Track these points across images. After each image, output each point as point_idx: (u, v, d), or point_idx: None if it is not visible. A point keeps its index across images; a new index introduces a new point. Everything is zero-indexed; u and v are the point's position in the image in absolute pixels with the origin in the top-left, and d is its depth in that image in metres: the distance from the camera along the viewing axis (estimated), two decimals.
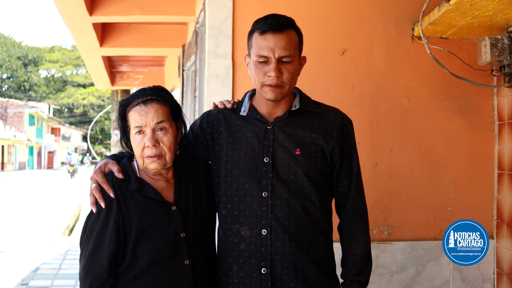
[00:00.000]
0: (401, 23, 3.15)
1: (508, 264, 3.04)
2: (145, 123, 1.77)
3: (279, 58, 1.79)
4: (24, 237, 9.10)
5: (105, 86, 10.29)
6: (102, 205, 1.76)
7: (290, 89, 1.86)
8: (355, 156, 1.95)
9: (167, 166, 1.83)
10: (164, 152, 1.80)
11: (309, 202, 1.85)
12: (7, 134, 38.10)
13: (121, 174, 1.81)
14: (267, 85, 1.81)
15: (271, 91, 1.81)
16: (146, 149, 1.78)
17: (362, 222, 1.93)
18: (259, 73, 1.82)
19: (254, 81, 1.85)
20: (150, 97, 1.80)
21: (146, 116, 1.77)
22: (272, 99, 1.83)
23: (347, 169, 1.92)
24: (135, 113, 1.79)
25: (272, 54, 1.79)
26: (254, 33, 1.84)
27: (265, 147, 1.86)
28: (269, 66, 1.79)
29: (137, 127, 1.78)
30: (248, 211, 1.85)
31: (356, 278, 1.88)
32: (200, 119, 2.04)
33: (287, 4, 3.08)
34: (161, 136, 1.79)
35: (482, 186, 3.20)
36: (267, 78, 1.80)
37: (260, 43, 1.80)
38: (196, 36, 4.65)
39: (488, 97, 3.20)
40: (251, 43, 1.86)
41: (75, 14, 5.09)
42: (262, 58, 1.80)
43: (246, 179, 1.86)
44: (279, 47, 1.79)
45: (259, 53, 1.80)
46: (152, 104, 1.79)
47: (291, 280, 1.81)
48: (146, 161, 1.79)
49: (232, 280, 1.86)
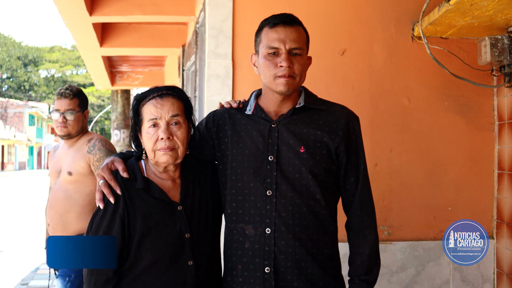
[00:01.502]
0: (401, 23, 3.15)
1: (508, 264, 3.04)
2: (160, 115, 1.78)
3: (290, 49, 1.80)
4: (24, 237, 9.09)
5: (105, 86, 10.29)
6: (112, 200, 1.76)
7: (300, 82, 1.86)
8: (362, 153, 1.94)
9: (178, 160, 1.83)
10: (177, 146, 1.80)
11: (314, 201, 1.84)
12: (7, 134, 38.11)
13: (126, 173, 1.81)
14: (280, 76, 1.80)
15: (284, 81, 1.80)
16: (159, 141, 1.78)
17: (370, 220, 1.92)
18: (269, 65, 1.82)
19: (265, 74, 1.84)
20: (166, 91, 1.83)
21: (162, 108, 1.79)
22: (284, 91, 1.82)
23: (354, 167, 1.91)
24: (150, 105, 1.80)
25: (283, 46, 1.80)
26: (263, 29, 1.85)
27: (269, 145, 1.86)
28: (280, 57, 1.80)
29: (152, 120, 1.79)
30: (253, 210, 1.84)
31: (364, 277, 1.86)
32: (206, 119, 2.04)
33: (287, 4, 3.08)
34: (175, 130, 1.80)
35: (482, 186, 3.20)
36: (279, 69, 1.80)
37: (271, 35, 1.82)
38: (196, 36, 4.65)
39: (488, 97, 3.20)
40: (259, 39, 1.87)
41: (75, 14, 5.09)
42: (273, 49, 1.81)
43: (251, 178, 1.85)
44: (289, 39, 1.80)
45: (270, 45, 1.81)
46: (168, 97, 1.81)
47: (295, 279, 1.81)
48: (158, 153, 1.79)
49: (236, 279, 1.86)
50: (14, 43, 55.27)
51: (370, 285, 1.87)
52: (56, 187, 3.19)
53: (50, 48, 58.66)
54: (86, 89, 52.56)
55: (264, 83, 1.89)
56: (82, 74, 54.98)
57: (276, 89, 1.83)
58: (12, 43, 54.83)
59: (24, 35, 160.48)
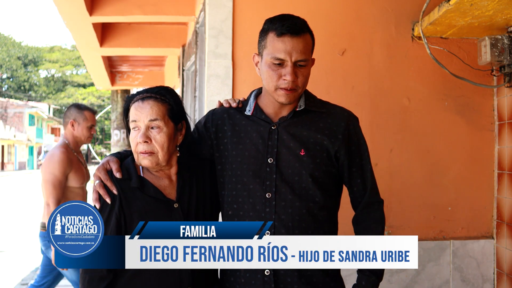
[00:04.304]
0: (401, 23, 3.15)
1: (508, 264, 3.04)
2: (139, 118, 1.79)
3: (296, 61, 1.78)
4: (24, 237, 9.10)
5: (105, 86, 10.29)
6: (108, 201, 1.77)
7: (302, 92, 1.85)
8: (366, 153, 1.93)
9: (160, 164, 1.82)
10: (156, 150, 1.79)
11: (314, 203, 1.83)
12: (7, 134, 38.10)
13: (119, 173, 1.81)
14: (282, 88, 1.79)
15: (285, 94, 1.79)
16: (138, 144, 1.79)
17: (376, 215, 1.90)
18: (273, 75, 1.79)
19: (267, 83, 1.82)
20: (149, 94, 1.82)
21: (141, 112, 1.79)
22: (285, 102, 1.82)
23: (358, 168, 1.90)
24: (133, 108, 1.82)
25: (289, 58, 1.77)
26: (269, 33, 1.81)
27: (269, 148, 1.85)
28: (285, 69, 1.77)
29: (133, 122, 1.81)
30: (252, 212, 1.84)
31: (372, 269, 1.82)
32: (205, 118, 2.03)
33: (287, 4, 3.08)
34: (154, 134, 1.80)
35: (482, 186, 3.20)
36: (282, 81, 1.78)
37: (277, 45, 1.78)
38: (196, 36, 4.65)
39: (488, 97, 3.20)
40: (265, 44, 1.83)
41: (75, 14, 5.09)
42: (278, 60, 1.78)
43: (250, 180, 1.85)
44: (296, 51, 1.77)
45: (276, 56, 1.78)
46: (148, 101, 1.80)
47: (295, 281, 1.80)
48: (139, 156, 1.81)
49: (239, 280, 1.85)
50: (14, 43, 55.26)
51: (377, 277, 1.84)
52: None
53: (50, 48, 58.66)
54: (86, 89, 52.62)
55: (266, 89, 1.87)
56: (82, 74, 54.98)
57: (277, 99, 1.82)
58: (12, 43, 54.82)
59: (24, 35, 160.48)
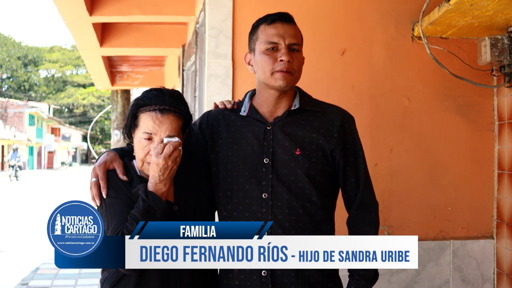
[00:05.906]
0: (401, 23, 3.15)
1: (508, 264, 3.04)
2: (156, 132, 1.73)
3: (289, 44, 1.81)
4: (24, 237, 9.10)
5: (105, 86, 10.28)
6: (97, 203, 1.76)
7: (297, 80, 1.86)
8: (361, 152, 1.93)
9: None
10: None
11: (310, 203, 1.83)
12: (7, 134, 38.09)
13: (125, 177, 1.80)
14: (278, 71, 1.80)
15: (282, 76, 1.80)
16: (149, 155, 1.75)
17: (371, 218, 1.88)
18: (268, 60, 1.81)
19: (263, 69, 1.82)
20: (169, 107, 1.75)
21: (160, 126, 1.72)
22: (283, 85, 1.81)
23: (353, 167, 1.90)
24: (148, 118, 1.74)
25: (282, 41, 1.80)
26: (260, 26, 1.85)
27: (264, 148, 1.84)
28: (279, 52, 1.80)
29: (147, 133, 1.74)
30: (248, 213, 1.83)
31: (363, 273, 1.81)
32: (200, 120, 2.03)
33: (287, 4, 3.07)
34: None
35: (482, 186, 3.20)
36: (278, 63, 1.80)
37: (270, 31, 1.82)
38: (196, 36, 4.65)
39: (488, 97, 3.20)
40: (256, 37, 1.86)
41: (75, 14, 5.09)
42: (272, 44, 1.80)
43: (246, 180, 1.84)
44: (288, 35, 1.81)
45: (269, 40, 1.81)
46: (168, 115, 1.74)
47: (292, 282, 1.79)
48: (146, 166, 1.77)
49: (233, 282, 1.84)
50: (14, 43, 55.26)
51: (369, 282, 1.81)
52: None
53: (50, 48, 58.67)
54: (86, 89, 52.65)
55: (261, 79, 1.86)
56: (82, 74, 55.01)
57: (275, 83, 1.81)
58: (12, 43, 54.82)
59: (24, 35, 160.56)
